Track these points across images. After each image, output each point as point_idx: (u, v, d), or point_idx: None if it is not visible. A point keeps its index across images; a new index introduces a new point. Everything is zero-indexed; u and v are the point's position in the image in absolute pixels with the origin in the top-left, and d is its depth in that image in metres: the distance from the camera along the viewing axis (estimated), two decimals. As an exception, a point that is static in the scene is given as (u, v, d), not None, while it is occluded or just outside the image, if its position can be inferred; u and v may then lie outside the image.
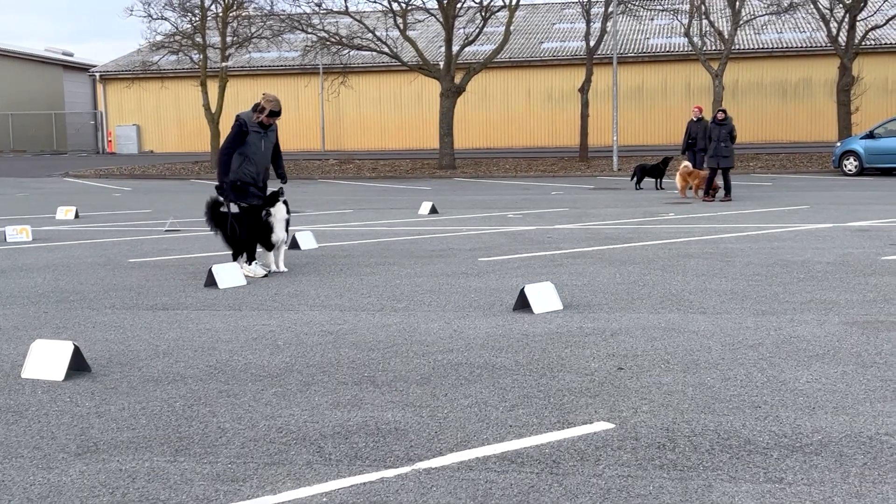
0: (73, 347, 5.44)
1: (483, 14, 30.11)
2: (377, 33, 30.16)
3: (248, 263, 9.04)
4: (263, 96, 8.94)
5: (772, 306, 7.18)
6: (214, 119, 32.04)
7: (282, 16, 32.55)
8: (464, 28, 31.01)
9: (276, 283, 8.65)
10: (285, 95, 42.79)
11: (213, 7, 32.63)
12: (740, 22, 30.61)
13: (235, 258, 9.14)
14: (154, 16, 32.53)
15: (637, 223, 13.71)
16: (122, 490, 3.72)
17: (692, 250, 10.47)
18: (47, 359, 5.42)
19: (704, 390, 4.95)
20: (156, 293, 8.25)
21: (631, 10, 32.01)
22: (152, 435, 4.39)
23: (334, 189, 24.04)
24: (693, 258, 9.84)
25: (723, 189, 18.00)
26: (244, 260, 9.09)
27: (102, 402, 4.92)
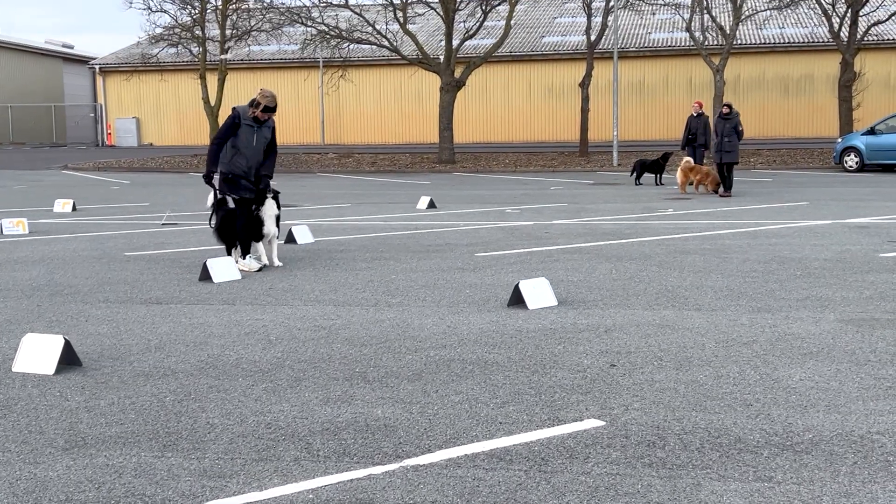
0: (64, 341, 5.42)
1: (483, 8, 30.04)
2: (377, 27, 30.07)
3: (243, 257, 9.03)
4: (260, 91, 8.93)
5: (767, 303, 7.15)
6: (214, 112, 32.00)
7: (281, 9, 32.46)
8: (464, 22, 30.92)
9: (271, 278, 8.63)
10: (285, 89, 42.85)
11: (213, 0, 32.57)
12: (742, 17, 30.53)
13: (229, 252, 9.13)
14: (153, 8, 32.53)
15: (635, 219, 13.68)
16: (109, 485, 3.70)
17: (690, 246, 10.44)
18: (38, 353, 5.40)
19: (696, 388, 4.93)
20: (150, 287, 8.23)
21: (632, 5, 31.90)
22: (141, 430, 4.37)
23: (333, 183, 24.01)
24: (690, 254, 9.81)
25: (722, 184, 17.98)
26: (239, 254, 9.08)
27: (92, 397, 4.90)
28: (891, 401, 4.67)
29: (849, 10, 29.90)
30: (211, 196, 9.36)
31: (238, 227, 9.02)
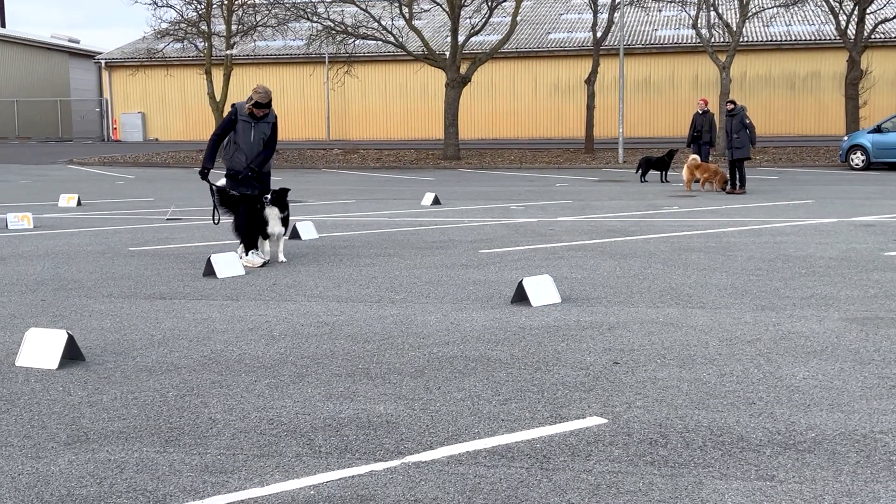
0: (67, 336, 5.43)
1: (489, 4, 29.98)
2: (383, 22, 30.05)
3: (247, 253, 9.04)
4: (254, 88, 8.93)
5: (771, 301, 7.13)
6: (219, 107, 31.97)
7: (287, 4, 32.45)
8: (470, 18, 30.88)
9: (275, 274, 8.63)
10: (290, 84, 42.87)
11: (219, -5, 32.54)
12: (748, 14, 30.43)
13: (249, 249, 9.14)
14: (159, 3, 32.45)
15: (640, 216, 13.65)
16: (110, 480, 3.71)
17: (694, 244, 10.42)
18: (41, 347, 5.41)
19: (699, 386, 4.92)
20: (154, 282, 8.23)
21: (639, 2, 31.83)
22: (143, 425, 4.37)
23: (338, 179, 24.01)
24: (695, 252, 9.79)
25: (730, 181, 17.95)
26: (242, 250, 9.08)
27: (95, 392, 4.91)
28: (894, 400, 4.66)
29: (856, 8, 29.77)
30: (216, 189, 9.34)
31: (241, 224, 9.03)
